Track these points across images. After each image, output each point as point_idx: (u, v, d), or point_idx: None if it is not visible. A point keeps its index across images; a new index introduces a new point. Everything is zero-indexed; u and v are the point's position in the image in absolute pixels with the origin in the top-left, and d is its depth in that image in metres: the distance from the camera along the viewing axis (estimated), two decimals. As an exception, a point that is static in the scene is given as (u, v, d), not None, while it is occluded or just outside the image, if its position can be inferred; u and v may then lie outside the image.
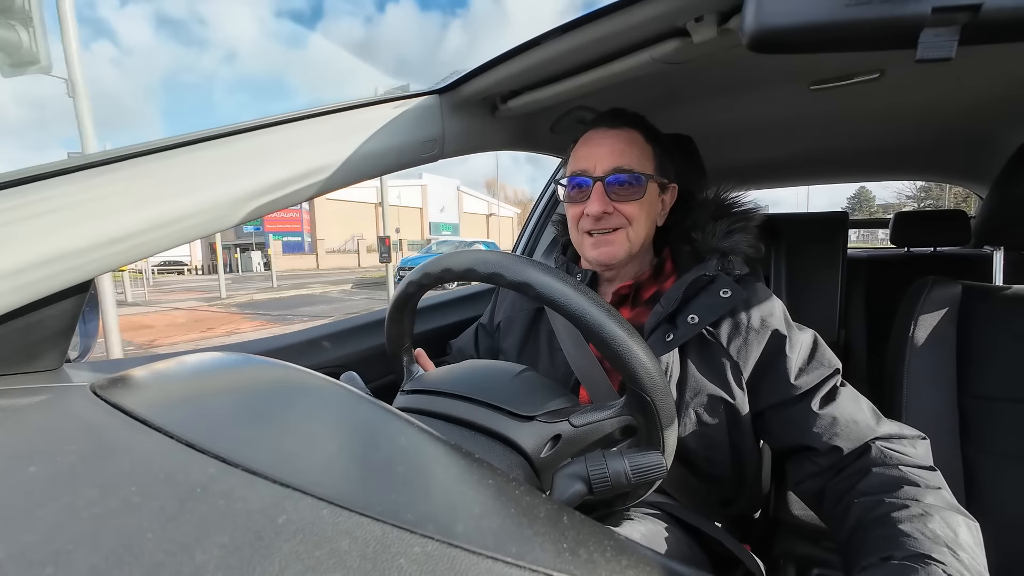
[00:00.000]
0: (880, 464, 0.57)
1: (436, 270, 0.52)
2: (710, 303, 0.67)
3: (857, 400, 0.64)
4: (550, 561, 0.24)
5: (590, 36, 0.64)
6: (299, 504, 0.23)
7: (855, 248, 2.04)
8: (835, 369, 0.66)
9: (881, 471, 0.56)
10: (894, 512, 0.50)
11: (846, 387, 0.66)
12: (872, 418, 0.62)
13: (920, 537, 0.46)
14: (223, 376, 0.37)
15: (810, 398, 0.64)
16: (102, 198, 0.50)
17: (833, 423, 0.61)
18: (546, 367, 0.76)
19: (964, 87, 1.00)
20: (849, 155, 1.61)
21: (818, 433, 0.62)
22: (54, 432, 0.30)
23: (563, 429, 0.46)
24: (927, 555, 0.44)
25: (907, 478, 0.54)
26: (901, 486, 0.53)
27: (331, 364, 0.94)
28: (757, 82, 0.99)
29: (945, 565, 0.43)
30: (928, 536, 0.46)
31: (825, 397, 0.64)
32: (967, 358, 0.86)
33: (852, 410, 0.62)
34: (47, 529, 0.21)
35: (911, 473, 0.55)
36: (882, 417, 0.63)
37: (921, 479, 0.54)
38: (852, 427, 0.61)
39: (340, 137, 0.68)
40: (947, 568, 0.42)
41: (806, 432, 0.63)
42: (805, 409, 0.63)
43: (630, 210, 0.72)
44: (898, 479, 0.54)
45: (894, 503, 0.51)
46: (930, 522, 0.47)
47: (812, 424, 0.62)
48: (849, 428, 0.61)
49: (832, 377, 0.65)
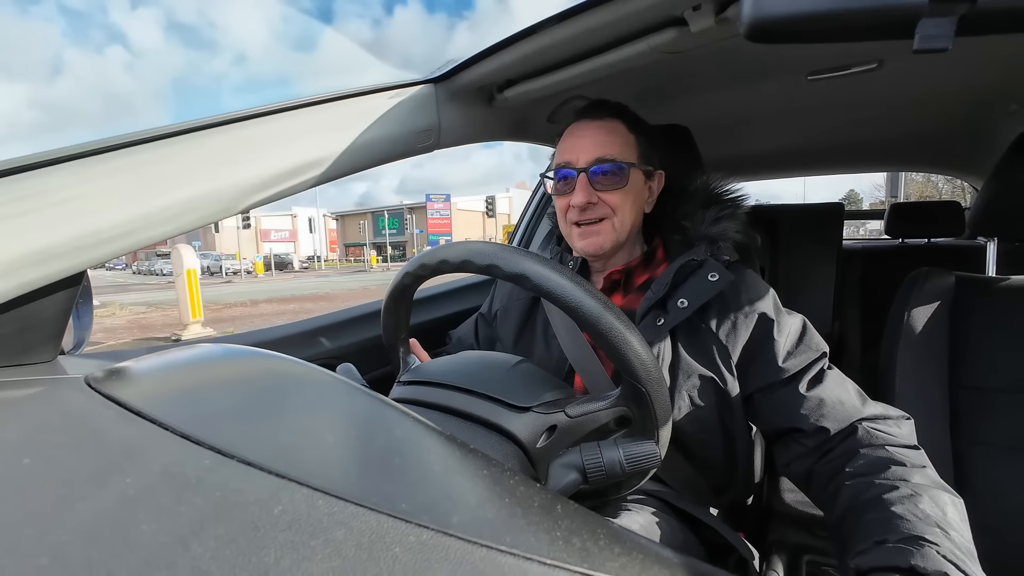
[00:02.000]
0: (867, 445, 0.58)
1: (432, 261, 0.52)
2: (699, 287, 0.68)
3: (843, 382, 0.65)
4: (544, 550, 0.24)
5: (587, 24, 0.63)
6: (295, 495, 0.23)
7: (849, 240, 2.05)
8: (822, 352, 0.67)
9: (868, 452, 0.57)
10: (884, 494, 0.51)
11: (832, 370, 0.66)
12: (858, 399, 0.63)
13: (912, 519, 0.46)
14: (218, 368, 0.37)
15: (797, 381, 0.65)
16: (93, 188, 0.50)
17: (820, 404, 0.62)
18: (541, 355, 0.77)
19: (962, 78, 1.00)
20: (847, 146, 1.61)
21: (805, 415, 0.62)
22: (48, 424, 0.30)
23: (559, 420, 0.46)
24: (920, 536, 0.44)
25: (894, 458, 0.55)
26: (889, 467, 0.54)
27: (327, 356, 0.94)
28: (755, 72, 0.98)
29: (938, 546, 0.43)
30: (919, 517, 0.46)
31: (812, 380, 0.65)
32: (960, 349, 0.87)
33: (838, 392, 0.63)
34: (42, 521, 0.21)
35: (897, 453, 0.56)
36: (867, 399, 0.64)
37: (907, 459, 0.55)
38: (838, 408, 0.62)
39: (335, 127, 0.67)
40: (940, 549, 0.43)
41: (793, 414, 0.64)
42: (792, 391, 0.64)
43: (614, 200, 0.72)
44: (885, 459, 0.55)
45: (883, 484, 0.52)
46: (920, 503, 0.48)
47: (799, 406, 0.63)
48: (835, 409, 0.62)
49: (819, 360, 0.66)
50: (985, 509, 0.77)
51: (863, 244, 1.93)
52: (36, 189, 0.47)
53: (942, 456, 0.83)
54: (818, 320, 1.11)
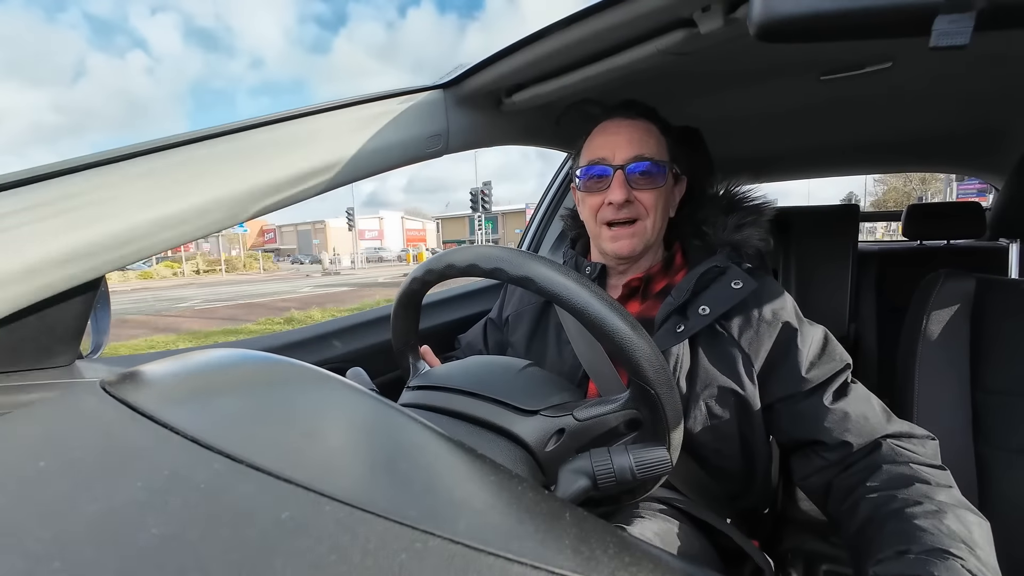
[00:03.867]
0: (891, 461, 0.57)
1: (439, 266, 0.52)
2: (721, 294, 0.66)
3: (868, 398, 0.64)
4: (552, 558, 0.24)
5: (596, 27, 0.63)
6: (302, 500, 0.23)
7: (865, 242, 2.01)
8: (846, 364, 0.66)
9: (891, 468, 0.56)
10: (908, 508, 0.49)
11: (857, 384, 0.66)
12: (883, 416, 0.62)
13: (936, 532, 0.45)
14: (229, 373, 0.37)
15: (821, 392, 0.63)
16: (109, 195, 0.51)
17: (844, 418, 0.61)
18: (554, 360, 0.76)
19: (979, 75, 0.98)
20: (860, 147, 1.58)
21: (828, 428, 0.61)
22: (64, 428, 0.30)
23: (567, 423, 0.46)
24: (945, 550, 0.43)
25: (918, 475, 0.54)
26: (912, 483, 0.53)
27: (338, 360, 0.95)
28: (765, 73, 0.97)
29: (964, 560, 0.42)
30: (944, 532, 0.45)
31: (837, 392, 0.63)
32: (981, 352, 0.85)
33: (863, 407, 0.62)
34: (55, 524, 0.21)
35: (922, 471, 0.55)
36: (893, 416, 0.63)
37: (932, 477, 0.54)
38: (863, 423, 0.61)
39: (344, 133, 0.68)
40: (966, 563, 0.42)
41: (816, 426, 0.62)
42: (816, 403, 0.63)
43: (649, 199, 0.71)
44: (909, 476, 0.54)
45: (907, 499, 0.51)
46: (945, 519, 0.47)
47: (823, 418, 0.62)
48: (860, 424, 0.61)
49: (843, 372, 0.65)
50: (1009, 515, 0.75)
51: (879, 246, 1.89)
52: (54, 196, 0.48)
53: (964, 462, 0.80)
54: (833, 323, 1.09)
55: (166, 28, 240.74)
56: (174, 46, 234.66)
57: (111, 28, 56.93)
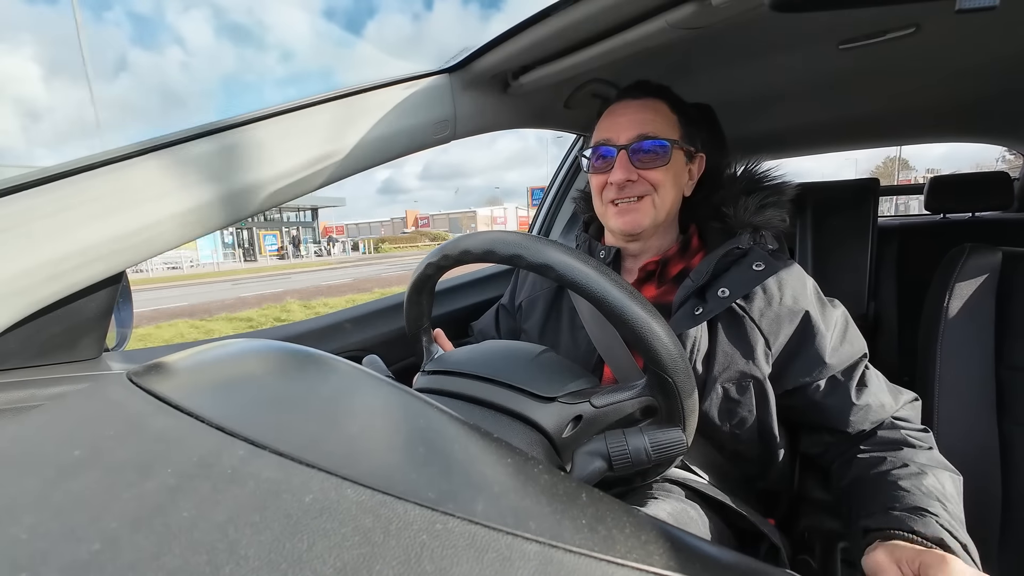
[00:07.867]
0: (886, 427, 0.65)
1: (455, 251, 0.52)
2: (742, 277, 0.66)
3: (880, 382, 0.68)
4: (569, 537, 0.24)
5: (602, 4, 0.61)
6: (324, 484, 0.24)
7: (884, 217, 1.96)
8: (863, 353, 0.68)
9: (884, 433, 0.65)
10: (894, 470, 0.58)
11: (870, 370, 0.68)
12: (891, 397, 0.67)
13: (916, 492, 0.54)
14: (250, 362, 0.38)
15: (844, 385, 0.66)
16: (128, 192, 0.52)
17: (866, 410, 0.65)
18: (568, 345, 0.76)
19: (1008, 40, 0.93)
20: (882, 118, 1.52)
21: (853, 421, 0.65)
22: (95, 418, 0.31)
23: (584, 410, 0.46)
24: (923, 508, 0.52)
25: (906, 440, 0.63)
26: (900, 447, 0.62)
27: (353, 348, 0.96)
28: (781, 44, 0.94)
29: (938, 517, 0.51)
30: (923, 492, 0.54)
31: (859, 384, 0.66)
32: (1007, 328, 0.82)
33: (880, 395, 0.66)
34: (92, 508, 0.22)
35: (909, 436, 0.63)
36: (893, 388, 0.69)
37: (917, 440, 0.63)
38: (880, 411, 0.66)
39: (350, 122, 0.67)
40: (939, 519, 0.51)
41: (842, 419, 0.66)
42: (842, 397, 0.66)
43: (656, 177, 0.71)
44: (898, 441, 0.63)
45: (894, 462, 0.60)
46: (925, 479, 0.56)
47: (848, 412, 0.66)
48: (877, 412, 0.65)
49: (862, 360, 0.67)
50: None
51: (900, 220, 1.83)
52: (76, 194, 0.49)
53: (988, 438, 0.79)
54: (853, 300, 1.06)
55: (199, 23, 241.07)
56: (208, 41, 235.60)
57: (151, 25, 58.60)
